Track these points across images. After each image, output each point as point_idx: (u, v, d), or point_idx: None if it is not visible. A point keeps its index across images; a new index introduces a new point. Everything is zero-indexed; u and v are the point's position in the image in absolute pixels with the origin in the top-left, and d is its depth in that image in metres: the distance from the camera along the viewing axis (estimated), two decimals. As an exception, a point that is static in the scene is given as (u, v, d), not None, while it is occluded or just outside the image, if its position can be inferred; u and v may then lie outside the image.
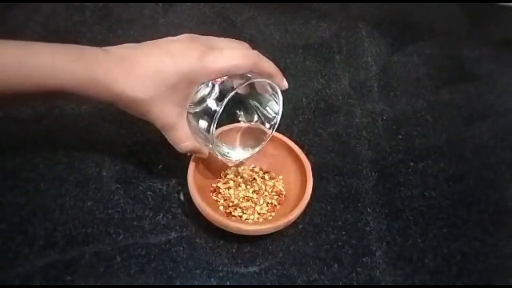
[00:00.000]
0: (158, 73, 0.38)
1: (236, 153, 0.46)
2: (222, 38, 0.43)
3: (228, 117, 0.47)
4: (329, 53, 0.67)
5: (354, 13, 0.75)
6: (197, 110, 0.41)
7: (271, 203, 0.47)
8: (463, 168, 0.55)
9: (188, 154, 0.44)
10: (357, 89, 0.62)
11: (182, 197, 0.47)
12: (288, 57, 0.66)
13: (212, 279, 0.42)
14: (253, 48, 0.44)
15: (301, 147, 0.48)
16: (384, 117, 0.59)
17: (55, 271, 0.40)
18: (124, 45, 0.40)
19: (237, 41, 0.44)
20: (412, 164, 0.54)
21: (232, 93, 0.39)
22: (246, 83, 0.40)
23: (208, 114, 0.40)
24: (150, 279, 0.41)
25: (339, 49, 0.68)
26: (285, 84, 0.44)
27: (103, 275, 0.41)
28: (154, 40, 0.41)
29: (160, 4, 0.71)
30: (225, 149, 0.45)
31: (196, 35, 0.42)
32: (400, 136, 0.57)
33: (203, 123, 0.41)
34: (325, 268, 0.44)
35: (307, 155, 0.47)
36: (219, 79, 0.40)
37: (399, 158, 0.54)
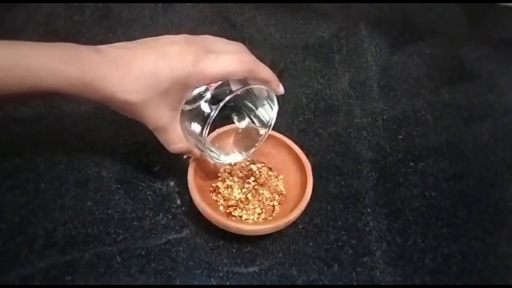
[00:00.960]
0: (152, 77, 0.38)
1: (227, 157, 0.46)
2: (219, 39, 0.43)
3: (221, 118, 0.46)
4: (329, 53, 0.67)
5: (354, 13, 0.75)
6: (190, 108, 0.41)
7: (271, 203, 0.47)
8: (463, 168, 0.55)
9: (184, 156, 0.44)
10: (357, 89, 0.62)
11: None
12: (288, 57, 0.66)
13: (212, 279, 0.42)
14: (253, 49, 0.43)
15: (301, 147, 0.48)
16: (384, 117, 0.59)
17: (55, 271, 0.40)
18: (119, 44, 0.40)
19: (233, 43, 0.43)
20: (412, 164, 0.54)
21: (226, 99, 0.39)
22: (241, 90, 0.40)
23: (201, 117, 0.40)
24: (150, 279, 0.41)
25: (339, 49, 0.68)
26: (281, 90, 0.43)
27: (103, 275, 0.41)
28: (149, 39, 0.41)
29: (160, 4, 0.71)
30: (216, 152, 0.45)
31: (193, 37, 0.41)
32: (400, 136, 0.57)
33: (195, 126, 0.40)
34: (325, 268, 0.44)
35: (307, 155, 0.47)
36: (214, 84, 0.40)
37: (399, 158, 0.54)
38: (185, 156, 0.44)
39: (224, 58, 0.39)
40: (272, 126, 0.45)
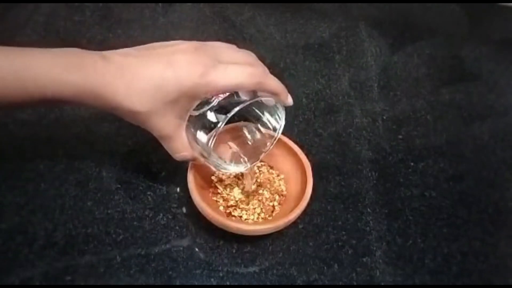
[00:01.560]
0: (158, 87, 0.37)
1: (232, 166, 0.45)
2: (228, 47, 0.42)
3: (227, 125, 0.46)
4: (329, 53, 0.67)
5: (354, 13, 0.75)
6: (196, 114, 0.40)
7: (271, 204, 0.47)
8: (463, 168, 0.55)
9: (189, 162, 0.44)
10: (357, 89, 0.62)
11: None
12: (288, 57, 0.66)
13: (212, 279, 0.42)
14: (253, 49, 0.43)
15: (301, 147, 0.48)
16: (384, 117, 0.59)
17: (55, 271, 0.40)
18: (125, 50, 0.39)
19: (243, 52, 0.42)
20: (412, 164, 0.54)
21: (234, 110, 0.38)
22: (249, 102, 0.39)
23: (208, 126, 0.39)
24: (150, 279, 0.41)
25: (339, 49, 0.68)
26: (289, 102, 0.43)
27: (103, 275, 0.41)
28: (157, 45, 0.40)
29: (160, 4, 0.71)
30: (221, 162, 0.45)
31: (202, 44, 0.40)
32: (400, 136, 0.57)
33: (201, 135, 0.40)
34: (325, 268, 0.44)
35: (307, 155, 0.47)
36: (222, 95, 0.40)
37: (399, 158, 0.54)
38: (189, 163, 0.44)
39: (233, 70, 0.38)
40: (279, 135, 0.45)
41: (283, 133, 0.48)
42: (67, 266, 0.41)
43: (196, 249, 0.44)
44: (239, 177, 0.48)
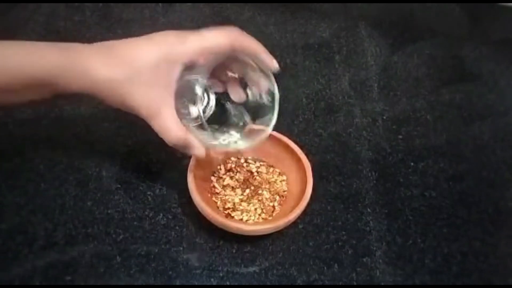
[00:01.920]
0: (137, 54, 0.39)
1: (236, 140, 0.43)
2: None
3: (226, 121, 0.46)
4: (329, 53, 0.67)
5: (354, 13, 0.75)
6: (194, 124, 0.41)
7: (271, 204, 0.47)
8: (463, 168, 0.55)
9: (189, 163, 0.44)
10: (357, 89, 0.62)
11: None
12: (288, 57, 0.66)
13: (212, 279, 0.42)
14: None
15: (301, 147, 0.48)
16: (384, 117, 0.59)
17: (55, 271, 0.40)
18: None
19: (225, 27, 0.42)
20: (412, 164, 0.54)
21: (212, 66, 0.39)
22: (234, 58, 0.40)
23: (197, 100, 0.40)
24: (150, 279, 0.41)
25: (339, 49, 0.68)
26: (275, 65, 0.42)
27: (103, 275, 0.41)
28: None
29: (160, 4, 0.71)
30: (222, 136, 0.43)
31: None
32: (400, 136, 0.57)
33: (193, 110, 0.41)
34: (325, 268, 0.44)
35: (307, 155, 0.47)
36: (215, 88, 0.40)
37: (399, 158, 0.54)
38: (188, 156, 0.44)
39: (209, 32, 0.40)
40: (276, 116, 0.42)
41: (282, 133, 0.48)
42: (67, 266, 0.41)
43: (196, 249, 0.44)
44: (239, 178, 0.48)
